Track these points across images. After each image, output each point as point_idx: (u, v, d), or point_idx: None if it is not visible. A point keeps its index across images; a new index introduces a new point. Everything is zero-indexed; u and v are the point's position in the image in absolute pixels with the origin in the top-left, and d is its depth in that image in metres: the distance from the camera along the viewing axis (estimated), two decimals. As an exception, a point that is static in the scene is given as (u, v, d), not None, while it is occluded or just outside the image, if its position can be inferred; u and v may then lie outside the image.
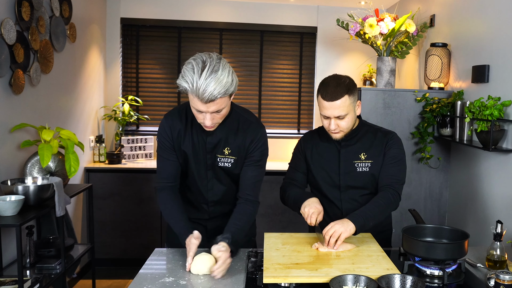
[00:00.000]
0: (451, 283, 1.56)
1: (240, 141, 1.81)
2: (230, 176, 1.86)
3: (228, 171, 1.84)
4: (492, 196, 2.53)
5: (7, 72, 2.50)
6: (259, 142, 1.82)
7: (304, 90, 4.62)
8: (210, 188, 1.88)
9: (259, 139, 1.82)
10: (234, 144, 1.81)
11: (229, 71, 1.58)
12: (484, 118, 2.34)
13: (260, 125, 1.86)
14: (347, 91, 1.79)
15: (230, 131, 1.80)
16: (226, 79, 1.55)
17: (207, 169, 1.84)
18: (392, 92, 3.00)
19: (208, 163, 1.83)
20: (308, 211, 1.82)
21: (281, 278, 1.46)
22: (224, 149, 1.80)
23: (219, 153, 1.81)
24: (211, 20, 4.42)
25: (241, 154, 1.82)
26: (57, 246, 2.64)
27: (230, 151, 1.80)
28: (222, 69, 1.55)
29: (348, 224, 1.71)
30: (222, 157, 1.81)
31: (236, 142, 1.81)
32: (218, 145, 1.80)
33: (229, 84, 1.57)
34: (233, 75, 1.60)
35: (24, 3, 2.63)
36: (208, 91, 1.52)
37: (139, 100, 4.28)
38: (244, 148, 1.81)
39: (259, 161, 1.84)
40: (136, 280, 1.56)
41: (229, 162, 1.81)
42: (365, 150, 1.92)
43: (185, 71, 1.56)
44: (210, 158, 1.82)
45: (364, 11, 3.42)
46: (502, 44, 2.43)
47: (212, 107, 1.58)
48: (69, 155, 2.62)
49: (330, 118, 1.83)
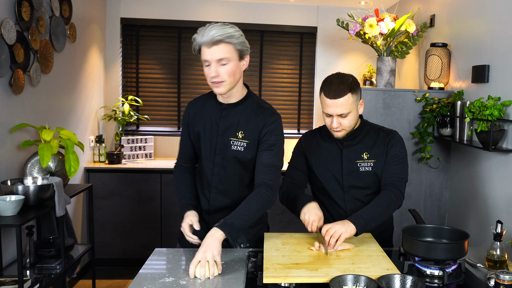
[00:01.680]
0: (451, 283, 1.56)
1: (254, 125, 1.81)
2: (239, 162, 1.83)
3: (239, 156, 1.82)
4: (492, 196, 2.53)
5: (7, 72, 2.50)
6: (272, 126, 1.80)
7: (304, 90, 4.62)
8: (215, 173, 1.86)
9: (272, 123, 1.80)
10: (248, 128, 1.81)
11: (237, 30, 1.72)
12: (484, 118, 2.34)
13: (275, 112, 1.86)
14: (350, 89, 1.79)
15: (244, 115, 1.81)
16: (231, 30, 1.69)
17: (215, 153, 1.84)
18: (392, 92, 3.00)
19: (218, 147, 1.83)
20: (308, 219, 1.81)
21: (281, 278, 1.46)
22: (238, 133, 1.81)
23: (232, 136, 1.81)
24: (211, 20, 4.38)
25: (254, 138, 1.81)
26: (57, 246, 2.64)
27: (244, 134, 1.80)
28: (231, 26, 1.71)
29: (349, 225, 1.71)
30: (235, 140, 1.81)
31: (250, 126, 1.81)
32: (231, 128, 1.81)
33: (235, 35, 1.69)
34: (241, 36, 1.72)
35: (24, 3, 2.63)
36: (211, 33, 1.66)
37: (139, 100, 4.28)
38: (257, 133, 1.80)
39: (273, 146, 1.79)
40: (136, 280, 1.56)
41: (242, 146, 1.80)
42: (367, 150, 1.92)
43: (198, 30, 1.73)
44: (221, 142, 1.82)
45: (364, 11, 3.42)
46: (502, 44, 2.43)
47: (216, 52, 1.68)
48: (69, 155, 2.62)
49: (332, 116, 1.83)
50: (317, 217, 1.81)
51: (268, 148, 1.79)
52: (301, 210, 1.86)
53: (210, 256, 1.57)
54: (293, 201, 1.93)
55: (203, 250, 1.58)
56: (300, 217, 1.86)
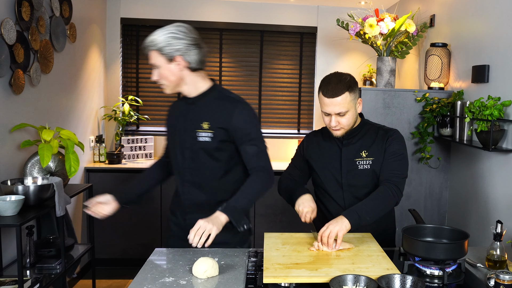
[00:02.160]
0: (451, 283, 1.56)
1: (219, 115, 1.84)
2: (207, 153, 1.86)
3: (207, 147, 1.85)
4: (492, 196, 2.53)
5: (7, 72, 2.50)
6: (241, 116, 1.83)
7: (304, 90, 4.62)
8: (186, 166, 1.90)
9: (239, 113, 1.83)
10: (213, 118, 1.84)
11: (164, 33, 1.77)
12: (484, 118, 2.34)
13: (241, 100, 1.88)
14: (347, 88, 1.80)
15: (209, 106, 1.86)
16: (154, 37, 1.78)
17: (184, 147, 1.89)
18: (392, 92, 3.00)
19: (186, 140, 1.88)
20: (302, 210, 1.88)
21: (281, 278, 1.46)
22: (203, 124, 1.85)
23: (198, 128, 1.85)
24: (211, 20, 4.42)
25: (219, 128, 1.83)
26: (57, 246, 2.64)
27: (210, 125, 1.84)
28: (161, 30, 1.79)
29: (343, 221, 1.71)
30: (201, 132, 1.85)
31: (215, 116, 1.84)
32: (196, 120, 1.86)
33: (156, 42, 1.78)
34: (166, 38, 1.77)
35: (24, 3, 2.63)
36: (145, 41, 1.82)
37: (139, 100, 4.28)
38: (224, 122, 1.83)
39: (250, 136, 1.83)
40: (136, 280, 1.56)
41: (208, 136, 1.84)
42: (366, 148, 1.92)
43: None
44: (188, 135, 1.87)
45: (364, 11, 3.42)
46: (502, 44, 2.43)
47: (150, 59, 1.84)
48: (69, 155, 2.62)
49: (330, 115, 1.84)
50: (310, 209, 1.88)
51: (248, 140, 1.83)
52: (295, 202, 1.93)
53: (209, 228, 1.66)
54: (290, 193, 2.00)
55: (205, 220, 1.68)
56: (295, 208, 1.93)
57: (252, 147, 1.83)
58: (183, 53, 1.79)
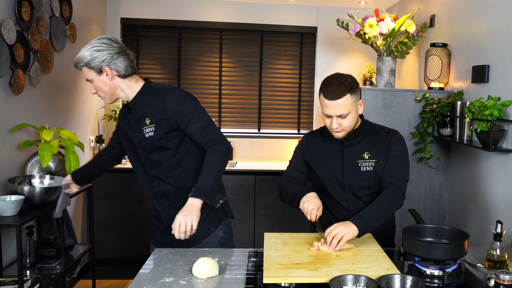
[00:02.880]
0: (451, 283, 1.56)
1: (154, 107, 1.89)
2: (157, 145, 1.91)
3: (154, 140, 1.89)
4: (492, 196, 2.53)
5: (7, 72, 2.50)
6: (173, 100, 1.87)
7: (304, 90, 4.62)
8: (145, 163, 1.96)
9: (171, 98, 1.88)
10: (151, 113, 1.90)
11: (88, 49, 1.86)
12: (484, 118, 2.34)
13: (169, 87, 1.94)
14: (349, 90, 1.79)
15: (145, 104, 1.91)
16: (80, 53, 1.87)
17: (136, 146, 1.95)
18: (392, 92, 3.00)
19: (136, 141, 1.94)
20: (307, 207, 1.83)
21: (281, 278, 1.46)
22: (146, 120, 1.90)
23: (143, 125, 1.91)
24: (211, 20, 4.42)
25: (159, 119, 1.88)
26: (57, 246, 2.64)
27: (150, 120, 1.90)
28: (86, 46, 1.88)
29: (351, 227, 1.71)
30: (145, 128, 1.91)
31: (152, 110, 1.90)
32: (139, 120, 1.92)
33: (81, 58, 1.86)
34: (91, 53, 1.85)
35: (24, 3, 2.63)
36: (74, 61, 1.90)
37: (139, 100, 4.28)
38: (161, 112, 1.88)
39: (190, 115, 1.87)
40: (136, 280, 1.56)
41: (152, 131, 1.89)
42: (368, 149, 1.92)
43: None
44: (137, 136, 1.93)
45: (364, 11, 3.42)
46: (502, 44, 2.43)
47: (84, 75, 1.91)
48: (69, 155, 2.62)
49: (332, 117, 1.83)
50: (316, 206, 1.83)
51: (189, 120, 1.87)
52: (300, 200, 1.88)
53: (189, 220, 1.73)
54: (292, 193, 1.95)
55: (183, 214, 1.74)
56: (300, 206, 1.88)
57: (195, 125, 1.87)
58: (109, 63, 1.86)
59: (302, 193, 1.90)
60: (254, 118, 4.60)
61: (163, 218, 2.00)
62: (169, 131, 1.89)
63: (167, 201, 1.98)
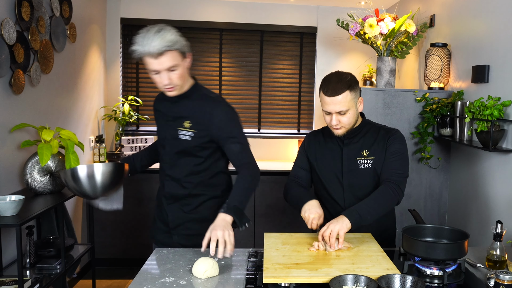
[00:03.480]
0: (451, 283, 1.56)
1: (200, 115, 1.86)
2: (187, 151, 1.88)
3: (186, 145, 1.87)
4: (492, 196, 2.53)
5: (7, 72, 2.50)
6: (222, 116, 1.86)
7: (304, 90, 4.62)
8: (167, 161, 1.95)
9: (220, 113, 1.86)
10: (194, 118, 1.87)
11: (173, 33, 1.76)
12: (484, 118, 2.34)
13: (220, 99, 1.92)
14: (348, 87, 1.80)
15: (191, 106, 1.88)
16: (170, 37, 1.73)
17: (165, 142, 1.93)
18: (392, 92, 3.00)
19: (167, 137, 1.92)
20: (308, 216, 1.84)
21: (281, 278, 1.46)
22: (184, 122, 1.87)
23: (180, 126, 1.88)
24: (211, 20, 4.42)
25: (201, 128, 1.86)
26: (57, 246, 2.64)
27: (191, 124, 1.86)
28: (166, 30, 1.75)
29: (343, 220, 1.71)
30: (182, 130, 1.88)
31: (196, 116, 1.86)
32: (178, 118, 1.88)
33: (175, 41, 1.74)
34: (178, 37, 1.77)
35: (24, 3, 2.63)
36: (154, 45, 1.71)
37: (139, 100, 4.28)
38: (205, 122, 1.85)
39: (231, 133, 1.86)
40: (136, 280, 1.56)
41: (189, 135, 1.86)
42: (367, 147, 1.92)
43: (135, 39, 1.78)
44: (170, 132, 1.90)
45: (364, 11, 3.42)
46: (502, 44, 2.43)
47: (165, 62, 1.73)
48: (69, 155, 2.62)
49: (331, 114, 1.84)
50: (317, 215, 1.83)
51: (230, 138, 1.86)
52: (301, 208, 1.88)
53: (226, 235, 1.66)
54: (295, 198, 1.95)
55: (220, 229, 1.67)
56: (301, 214, 1.88)
57: (236, 145, 1.86)
58: (189, 49, 1.82)
59: (304, 200, 1.90)
60: (254, 118, 4.60)
61: (169, 220, 1.97)
62: (206, 141, 1.87)
63: (175, 203, 1.96)
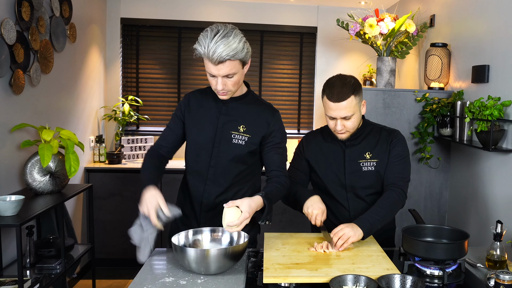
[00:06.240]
0: (451, 283, 1.56)
1: (256, 121, 1.85)
2: (238, 156, 1.84)
3: (239, 150, 1.83)
4: (492, 196, 2.53)
5: (7, 72, 2.50)
6: (277, 125, 1.87)
7: (304, 90, 4.62)
8: (212, 165, 1.85)
9: (276, 121, 1.87)
10: (249, 123, 1.84)
11: (240, 39, 1.68)
12: (484, 118, 2.34)
13: (274, 108, 1.93)
14: (353, 92, 1.79)
15: (245, 110, 1.85)
16: (235, 45, 1.65)
17: (214, 145, 1.85)
18: (392, 92, 3.00)
19: (217, 140, 1.84)
20: (312, 212, 1.83)
21: (281, 278, 1.46)
22: (239, 126, 1.84)
23: (234, 129, 1.84)
24: (211, 20, 4.41)
25: (255, 134, 1.84)
26: (57, 246, 2.64)
27: (246, 129, 1.84)
28: (233, 36, 1.66)
29: (357, 230, 1.71)
30: (236, 134, 1.84)
31: (251, 122, 1.84)
32: (231, 121, 1.84)
33: (239, 50, 1.66)
34: (245, 44, 1.70)
35: (24, 3, 2.63)
36: (217, 52, 1.63)
37: (139, 100, 4.28)
38: (261, 129, 1.84)
39: (280, 143, 1.88)
40: (136, 280, 1.56)
41: (242, 140, 1.84)
42: (370, 149, 1.92)
43: (200, 37, 1.68)
44: (220, 135, 1.84)
45: (364, 11, 3.42)
46: (502, 44, 2.43)
47: (223, 69, 1.67)
48: (69, 155, 2.62)
49: (336, 119, 1.83)
50: (320, 211, 1.83)
51: (277, 148, 1.86)
52: (303, 204, 1.87)
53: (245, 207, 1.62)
54: (295, 196, 1.94)
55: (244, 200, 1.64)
56: (303, 210, 1.87)
57: (279, 156, 1.87)
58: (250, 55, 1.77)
59: (305, 196, 1.89)
60: (254, 118, 4.59)
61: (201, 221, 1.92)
62: (256, 146, 1.86)
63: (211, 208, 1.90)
